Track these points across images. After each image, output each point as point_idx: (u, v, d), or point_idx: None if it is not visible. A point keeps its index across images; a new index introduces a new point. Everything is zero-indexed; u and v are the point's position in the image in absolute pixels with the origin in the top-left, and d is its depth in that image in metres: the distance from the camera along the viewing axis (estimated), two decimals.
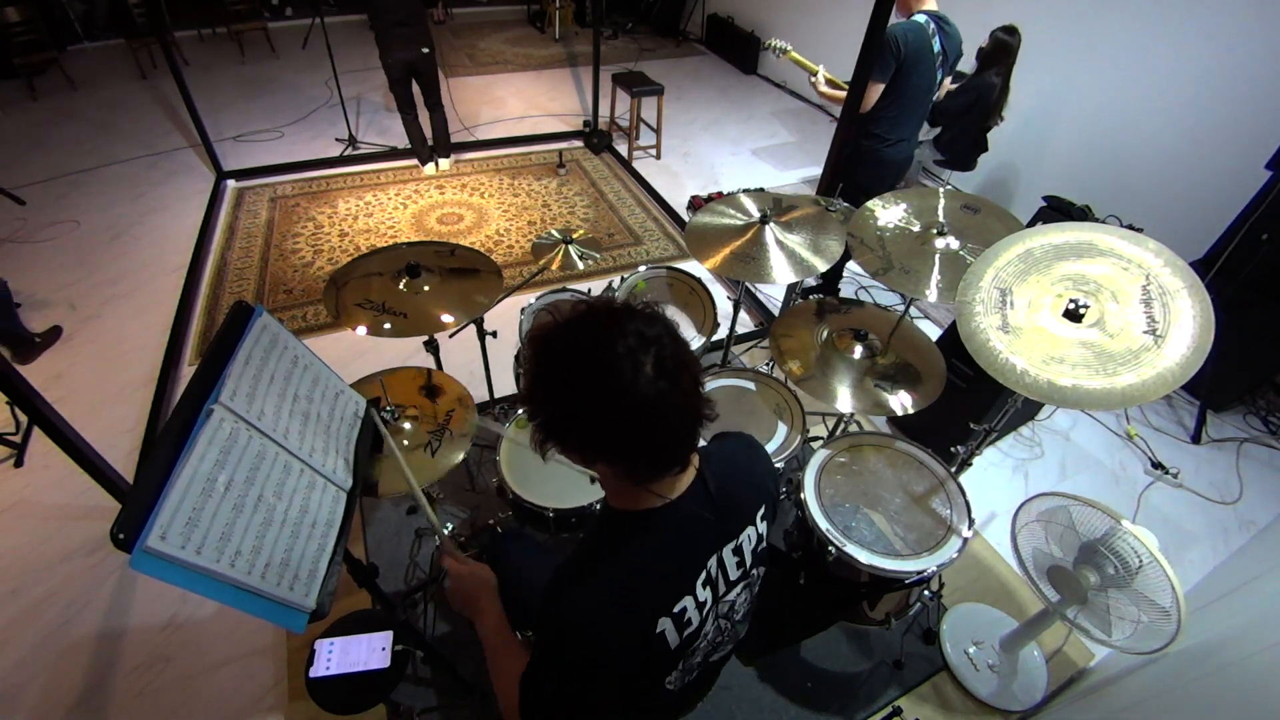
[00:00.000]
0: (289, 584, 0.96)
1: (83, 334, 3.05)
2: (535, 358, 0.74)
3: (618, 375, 0.68)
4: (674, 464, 0.80)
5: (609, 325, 0.70)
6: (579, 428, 0.73)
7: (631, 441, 0.72)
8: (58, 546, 2.17)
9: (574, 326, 0.72)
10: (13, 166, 4.35)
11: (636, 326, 0.70)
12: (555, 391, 0.73)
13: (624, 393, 0.68)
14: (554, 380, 0.73)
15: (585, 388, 0.70)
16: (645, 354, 0.69)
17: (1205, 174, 3.16)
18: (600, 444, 0.74)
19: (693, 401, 0.74)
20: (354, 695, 1.32)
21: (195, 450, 0.89)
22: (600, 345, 0.69)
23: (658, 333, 0.71)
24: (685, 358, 0.73)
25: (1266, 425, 2.86)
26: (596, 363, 0.69)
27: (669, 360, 0.70)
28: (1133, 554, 1.42)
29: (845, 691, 1.85)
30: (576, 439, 0.75)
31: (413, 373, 1.70)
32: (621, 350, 0.68)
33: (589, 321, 0.72)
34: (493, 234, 3.89)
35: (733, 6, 6.81)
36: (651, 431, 0.71)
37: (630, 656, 0.84)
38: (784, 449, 1.81)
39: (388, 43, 3.76)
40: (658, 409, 0.70)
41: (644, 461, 0.76)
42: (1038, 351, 1.31)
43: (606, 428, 0.71)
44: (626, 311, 0.73)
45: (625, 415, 0.69)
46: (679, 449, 0.78)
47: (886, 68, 2.46)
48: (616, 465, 0.77)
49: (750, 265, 1.85)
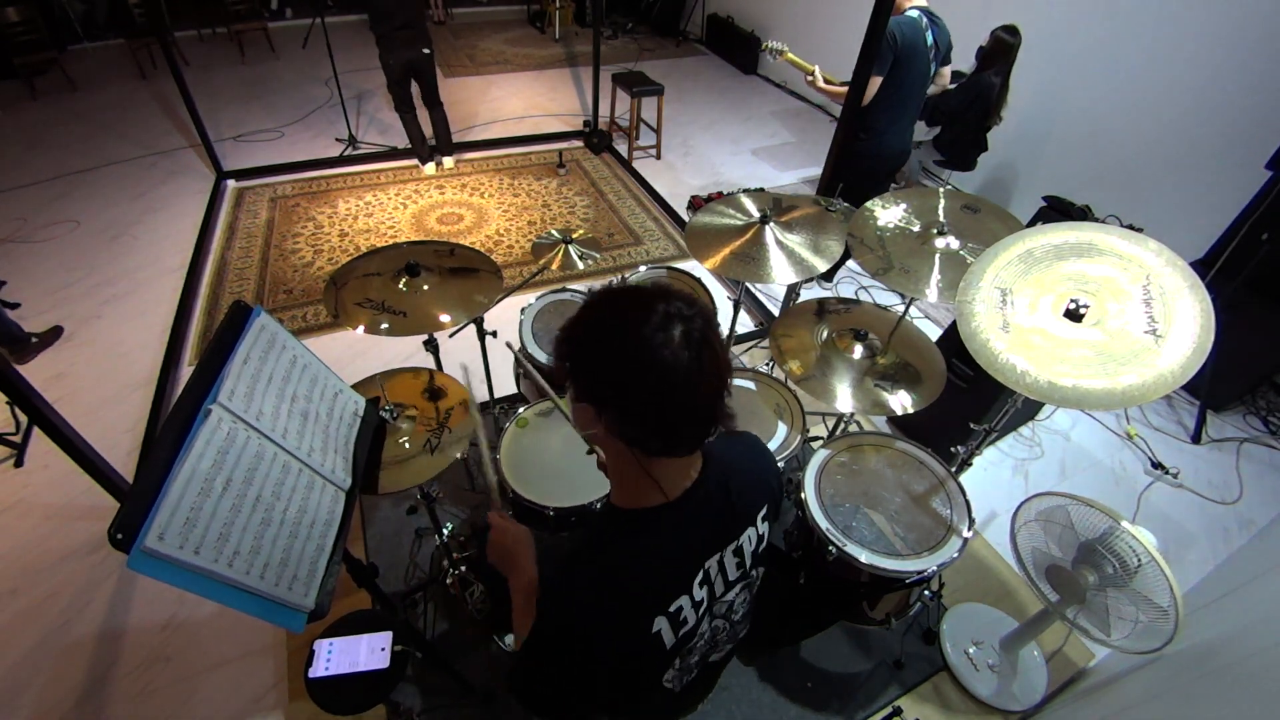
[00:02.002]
0: (288, 584, 0.96)
1: (83, 334, 3.05)
2: (583, 306, 0.80)
3: (646, 334, 0.72)
4: (683, 445, 0.81)
5: (653, 294, 0.76)
6: (599, 374, 0.77)
7: (644, 404, 0.75)
8: (57, 546, 2.17)
9: (626, 289, 0.79)
10: (13, 166, 4.36)
11: (678, 304, 0.75)
12: (588, 334, 0.77)
13: (647, 349, 0.72)
14: (590, 324, 0.78)
15: (614, 338, 0.75)
16: (677, 324, 0.73)
17: (1205, 174, 3.15)
18: (614, 397, 0.77)
19: (712, 383, 0.77)
20: (353, 695, 1.32)
21: (193, 450, 0.89)
22: (639, 306, 0.75)
23: (694, 313, 0.75)
24: (714, 341, 0.76)
25: (1266, 425, 2.86)
26: (630, 319, 0.74)
27: (697, 335, 0.74)
28: (1131, 554, 1.42)
29: (845, 691, 1.85)
30: (592, 385, 0.78)
31: (413, 374, 1.70)
32: (657, 314, 0.73)
33: (639, 289, 0.79)
34: (493, 234, 3.89)
35: (733, 6, 6.81)
36: (664, 398, 0.74)
37: (623, 653, 0.84)
38: (784, 449, 1.81)
39: (389, 43, 3.79)
40: (676, 376, 0.73)
41: (652, 432, 0.78)
42: (1039, 351, 1.31)
43: (624, 380, 0.75)
44: (673, 291, 0.78)
45: (644, 374, 0.73)
46: (690, 429, 0.79)
47: (884, 61, 2.53)
48: (626, 428, 0.78)
49: (750, 265, 1.85)
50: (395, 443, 1.46)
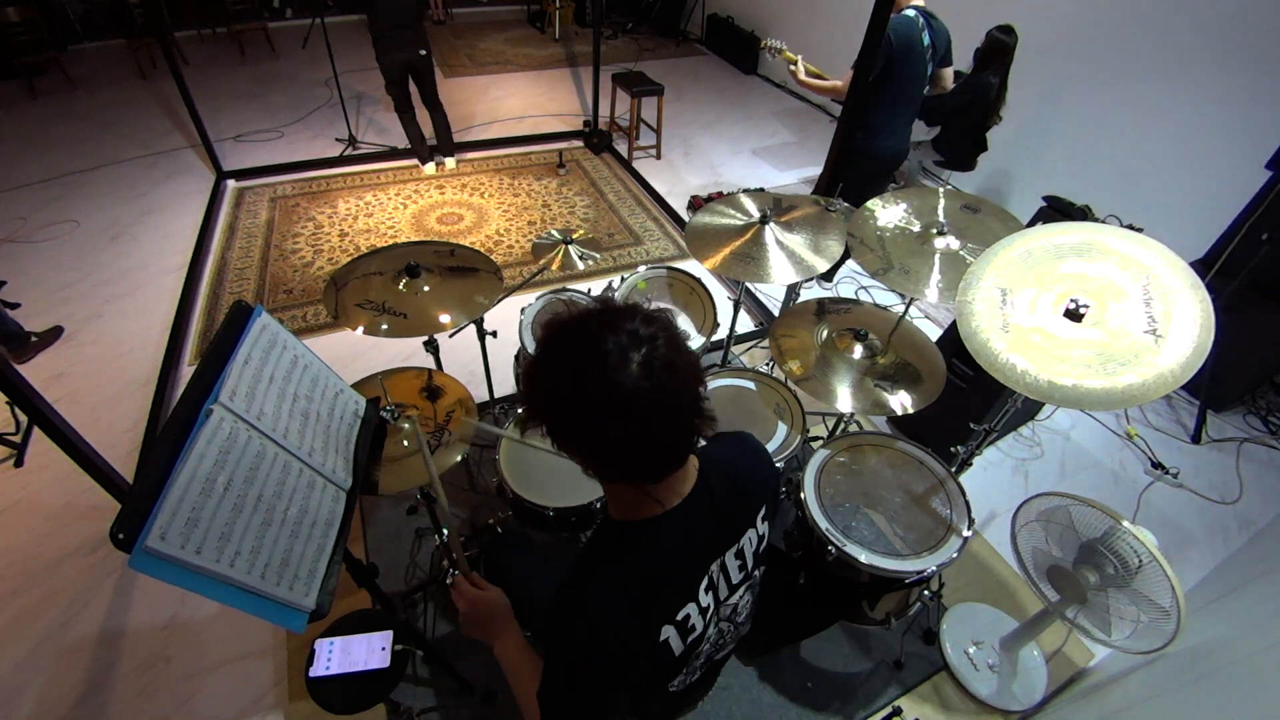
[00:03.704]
0: (288, 584, 0.96)
1: (83, 334, 3.04)
2: (538, 343, 0.77)
3: (600, 368, 0.69)
4: (658, 470, 0.79)
5: (606, 321, 0.72)
6: (561, 416, 0.74)
7: (608, 438, 0.72)
8: (58, 546, 2.17)
9: (577, 319, 0.75)
10: (13, 166, 4.36)
11: (634, 326, 0.71)
12: (544, 376, 0.75)
13: (604, 385, 0.69)
14: (545, 365, 0.75)
15: (571, 377, 0.71)
16: (635, 351, 0.69)
17: (1205, 174, 3.15)
18: (579, 438, 0.75)
19: (680, 405, 0.74)
20: (354, 695, 1.32)
21: (194, 450, 0.89)
22: (592, 338, 0.71)
23: (652, 333, 0.72)
24: (678, 361, 0.72)
25: (1266, 425, 2.86)
26: (584, 353, 0.71)
27: (658, 362, 0.70)
28: (1132, 553, 1.42)
29: (845, 691, 1.85)
30: (569, 441, 0.76)
31: (413, 373, 1.70)
32: (611, 345, 0.69)
33: (591, 315, 0.74)
34: (493, 234, 3.89)
35: (733, 6, 6.81)
36: (628, 430, 0.71)
37: (636, 666, 0.84)
38: (784, 449, 1.81)
39: (386, 44, 3.78)
40: (638, 406, 0.70)
41: (619, 464, 0.76)
42: (1038, 351, 1.31)
43: (585, 419, 0.72)
44: (628, 311, 0.74)
45: (603, 408, 0.70)
46: (663, 454, 0.77)
47: (878, 61, 2.48)
48: (610, 471, 0.77)
49: (750, 265, 1.85)
50: (395, 442, 1.46)
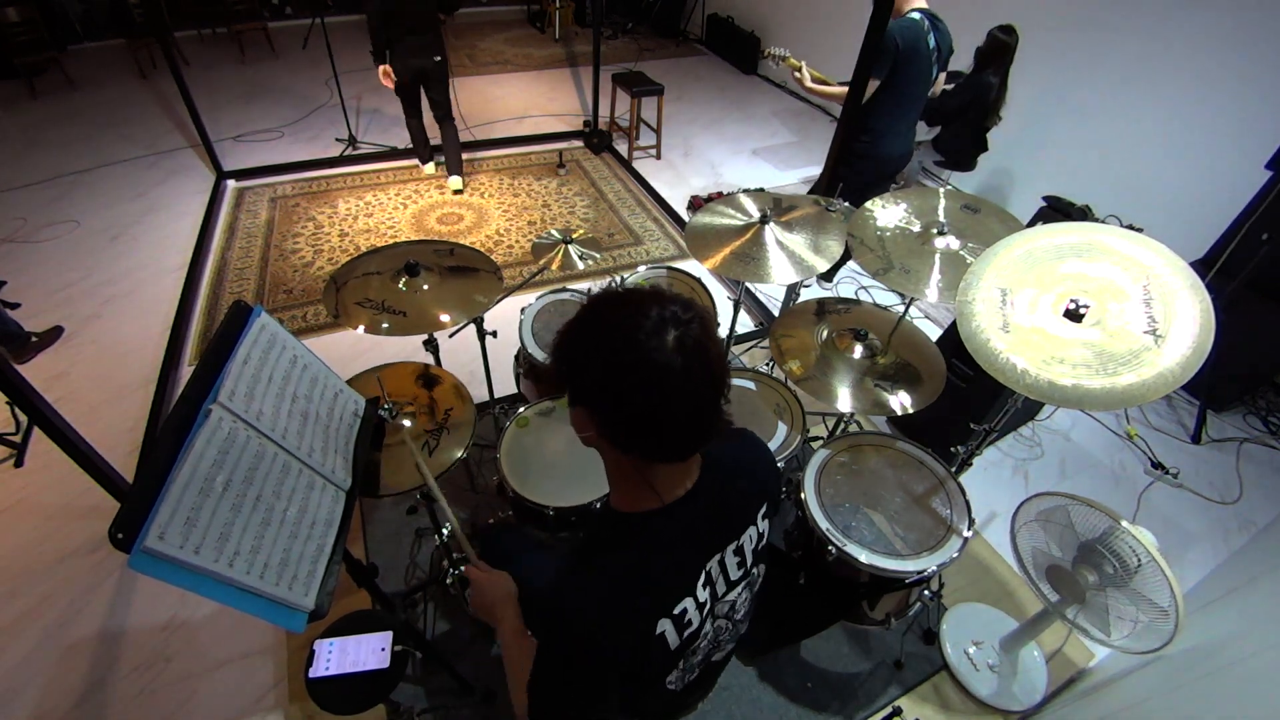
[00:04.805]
0: (288, 584, 0.96)
1: (83, 334, 3.04)
2: (580, 308, 0.80)
3: (638, 337, 0.72)
4: (676, 451, 0.81)
5: (650, 297, 0.76)
6: (591, 376, 0.77)
7: (635, 407, 0.74)
8: (57, 546, 2.17)
9: (624, 292, 0.80)
10: (13, 166, 4.36)
11: (674, 308, 0.75)
12: (582, 336, 0.78)
13: (639, 351, 0.72)
14: (584, 325, 0.78)
15: (607, 341, 0.75)
16: (671, 328, 0.73)
17: (1205, 174, 3.15)
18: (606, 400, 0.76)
19: (706, 389, 0.76)
20: (353, 696, 1.31)
21: (194, 450, 0.89)
22: (634, 309, 0.74)
23: (690, 317, 0.75)
24: (710, 347, 0.76)
25: (1266, 425, 2.86)
26: (624, 322, 0.74)
27: (691, 341, 0.73)
28: (1131, 553, 1.42)
29: (845, 691, 1.85)
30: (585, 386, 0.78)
31: (409, 366, 1.70)
32: (651, 318, 0.73)
33: (638, 290, 0.79)
34: (493, 234, 3.89)
35: (733, 6, 6.81)
36: (655, 403, 0.73)
37: (630, 658, 0.84)
38: (784, 449, 1.81)
39: (399, 50, 3.57)
40: (668, 381, 0.72)
41: (644, 437, 0.77)
42: (1038, 351, 1.31)
43: (614, 382, 0.74)
44: (673, 296, 0.78)
45: (633, 377, 0.73)
46: (683, 435, 0.79)
47: (883, 64, 2.49)
48: (617, 432, 0.78)
49: (750, 265, 1.85)
50: (395, 442, 1.46)
